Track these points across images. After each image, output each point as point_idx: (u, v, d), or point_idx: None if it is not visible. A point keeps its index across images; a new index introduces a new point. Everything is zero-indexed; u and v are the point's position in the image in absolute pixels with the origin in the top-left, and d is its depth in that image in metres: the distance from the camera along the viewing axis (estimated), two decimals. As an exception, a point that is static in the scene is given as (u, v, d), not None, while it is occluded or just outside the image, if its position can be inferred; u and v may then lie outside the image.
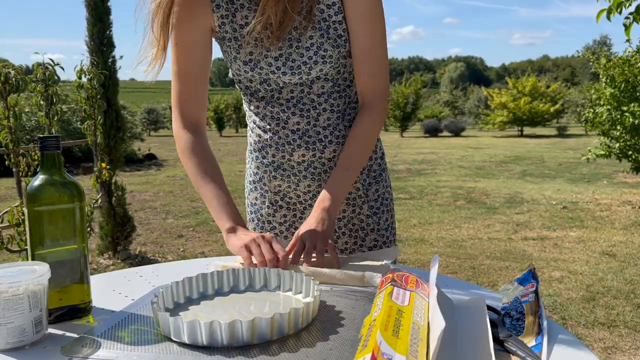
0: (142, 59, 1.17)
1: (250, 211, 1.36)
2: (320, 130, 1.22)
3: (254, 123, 1.28)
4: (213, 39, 1.22)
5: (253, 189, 1.34)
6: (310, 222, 1.09)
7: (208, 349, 0.74)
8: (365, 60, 1.18)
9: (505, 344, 0.72)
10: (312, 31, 1.14)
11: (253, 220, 1.35)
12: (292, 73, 1.16)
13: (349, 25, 1.16)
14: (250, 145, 1.32)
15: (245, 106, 1.30)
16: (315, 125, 1.22)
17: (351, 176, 1.15)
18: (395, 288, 0.78)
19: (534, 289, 0.84)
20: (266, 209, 1.32)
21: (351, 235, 1.31)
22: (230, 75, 1.26)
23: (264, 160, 1.28)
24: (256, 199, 1.34)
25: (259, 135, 1.27)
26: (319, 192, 1.27)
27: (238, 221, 1.11)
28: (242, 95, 1.28)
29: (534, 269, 0.89)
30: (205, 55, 1.20)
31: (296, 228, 1.32)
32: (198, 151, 1.19)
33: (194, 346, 0.75)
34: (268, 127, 1.24)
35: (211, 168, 1.18)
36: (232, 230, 1.09)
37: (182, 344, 0.76)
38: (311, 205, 1.28)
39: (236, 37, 1.17)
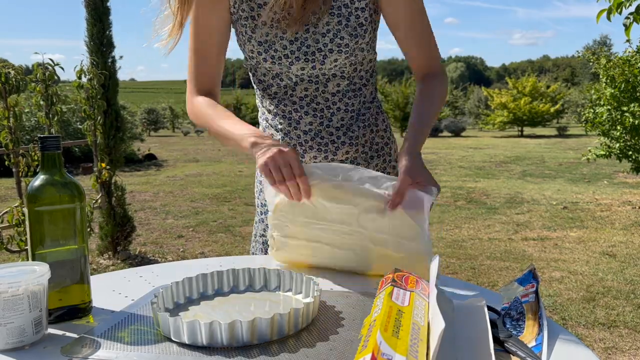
0: (157, 33, 1.15)
1: (260, 212, 1.33)
2: (333, 131, 1.19)
3: (267, 121, 1.25)
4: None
5: (263, 189, 1.31)
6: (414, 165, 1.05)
7: (208, 349, 0.74)
8: (411, 36, 1.16)
9: (506, 344, 0.72)
10: (329, 17, 1.10)
11: (262, 221, 1.32)
12: (306, 60, 1.13)
13: (389, 6, 1.13)
14: None
15: (258, 103, 1.27)
16: (329, 126, 1.18)
17: (426, 132, 1.13)
18: (395, 288, 0.77)
19: (534, 289, 0.84)
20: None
21: None
22: (244, 63, 1.24)
23: None
24: (266, 199, 1.31)
25: (271, 135, 1.23)
26: None
27: (251, 130, 1.06)
28: (255, 91, 1.26)
29: (534, 269, 0.89)
30: (224, 34, 1.19)
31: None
32: (211, 104, 1.18)
33: (194, 346, 0.75)
34: (280, 126, 1.21)
35: (223, 111, 1.15)
36: (249, 142, 1.03)
37: (182, 345, 0.76)
38: None
39: (253, 16, 1.14)
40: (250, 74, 1.23)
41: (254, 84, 1.25)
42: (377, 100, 1.27)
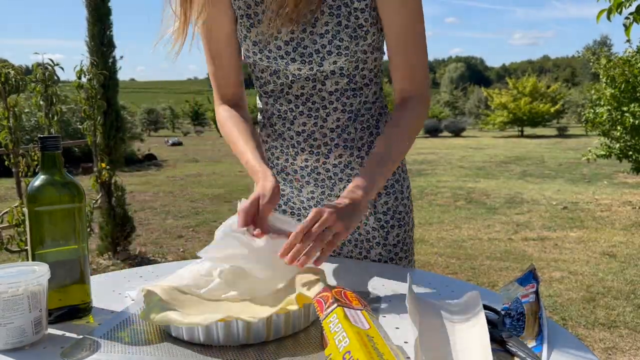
0: (162, 35, 1.08)
1: None
2: (327, 133, 1.14)
3: (264, 119, 1.22)
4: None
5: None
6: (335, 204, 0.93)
7: (208, 348, 0.74)
8: (400, 52, 1.07)
9: (506, 345, 0.72)
10: (328, 17, 1.04)
11: None
12: (302, 61, 1.07)
13: (381, 12, 1.05)
14: None
15: (257, 101, 1.24)
16: (323, 127, 1.13)
17: (388, 167, 1.02)
18: (346, 309, 0.68)
19: (534, 289, 0.84)
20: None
21: (356, 245, 1.23)
22: (243, 60, 1.19)
23: (269, 162, 1.22)
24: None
25: (268, 135, 1.21)
26: (322, 199, 1.20)
27: (260, 170, 1.01)
28: (255, 89, 1.23)
29: (535, 269, 0.89)
30: (230, 32, 1.13)
31: None
32: (233, 121, 1.15)
33: (194, 345, 0.75)
34: (275, 126, 1.18)
35: (243, 128, 1.12)
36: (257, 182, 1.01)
37: (184, 345, 0.76)
38: None
39: (249, 14, 1.09)
40: (250, 71, 1.21)
41: (253, 81, 1.22)
42: (380, 101, 1.19)
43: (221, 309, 0.82)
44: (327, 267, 1.11)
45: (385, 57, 1.16)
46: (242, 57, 1.18)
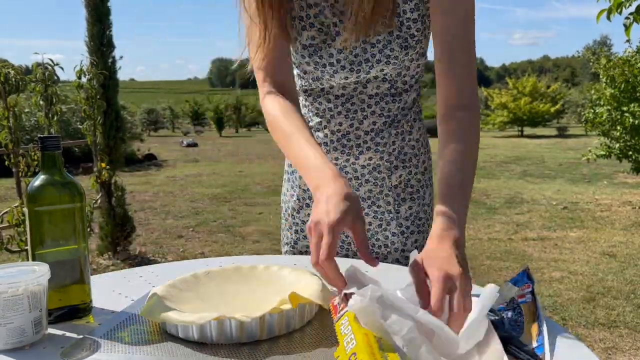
0: (245, 48, 1.05)
1: (282, 200, 1.32)
2: (361, 135, 1.14)
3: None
4: None
5: (287, 179, 1.30)
6: (442, 256, 0.78)
7: (211, 348, 0.74)
8: (448, 60, 0.99)
9: (507, 346, 0.72)
10: (380, 27, 1.03)
11: (282, 209, 1.32)
12: (351, 69, 1.07)
13: (432, 17, 1.01)
14: None
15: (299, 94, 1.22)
16: (358, 129, 1.14)
17: (467, 197, 0.94)
18: None
19: (530, 289, 0.84)
20: (293, 204, 1.27)
21: (372, 251, 1.20)
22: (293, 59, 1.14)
23: None
24: (287, 190, 1.30)
25: None
26: None
27: (325, 175, 0.85)
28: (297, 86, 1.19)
29: (528, 269, 0.89)
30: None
31: None
32: (286, 115, 1.00)
33: (196, 344, 0.75)
34: (311, 123, 1.18)
35: (299, 125, 0.97)
36: (316, 189, 0.84)
37: (185, 345, 0.76)
38: None
39: (301, 16, 1.07)
40: (294, 66, 1.15)
41: (295, 77, 1.16)
42: (417, 107, 1.19)
43: (218, 307, 0.82)
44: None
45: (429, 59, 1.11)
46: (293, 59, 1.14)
